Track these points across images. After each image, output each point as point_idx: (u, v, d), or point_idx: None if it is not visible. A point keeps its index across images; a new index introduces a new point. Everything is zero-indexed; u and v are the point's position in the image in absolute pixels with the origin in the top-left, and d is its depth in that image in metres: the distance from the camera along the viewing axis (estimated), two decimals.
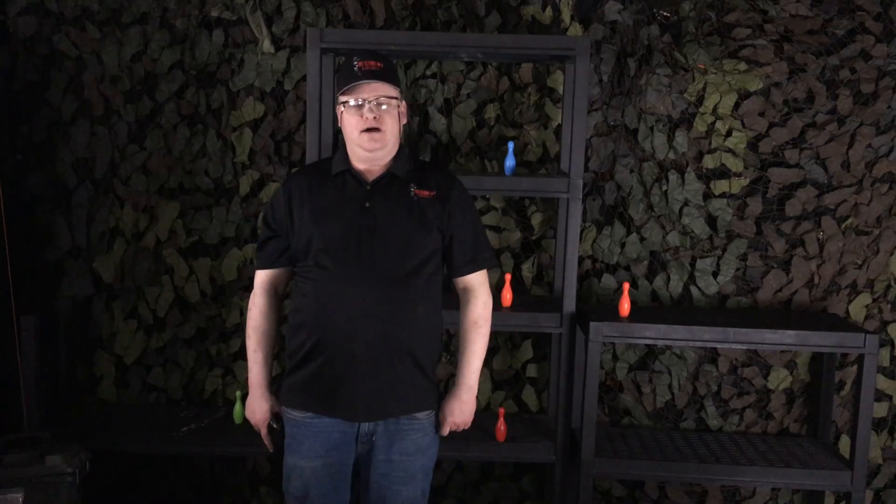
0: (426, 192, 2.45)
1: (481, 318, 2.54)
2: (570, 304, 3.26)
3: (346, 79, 2.38)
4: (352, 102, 2.37)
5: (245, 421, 3.44)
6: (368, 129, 2.36)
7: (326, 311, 2.39)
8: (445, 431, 2.56)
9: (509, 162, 3.34)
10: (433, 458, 2.57)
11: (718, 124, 3.49)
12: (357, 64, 2.36)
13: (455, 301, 2.60)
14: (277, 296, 2.59)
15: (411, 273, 2.40)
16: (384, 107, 2.38)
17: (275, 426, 2.56)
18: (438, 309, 2.51)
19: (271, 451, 2.59)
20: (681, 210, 3.54)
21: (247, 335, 2.57)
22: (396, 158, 2.47)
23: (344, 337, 2.38)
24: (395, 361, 2.40)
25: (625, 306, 3.31)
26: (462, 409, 2.53)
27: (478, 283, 2.54)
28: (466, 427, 2.59)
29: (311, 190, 2.47)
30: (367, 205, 2.41)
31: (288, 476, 2.50)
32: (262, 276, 2.57)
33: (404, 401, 2.44)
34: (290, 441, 2.50)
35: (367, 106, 2.36)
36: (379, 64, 2.38)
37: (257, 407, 2.57)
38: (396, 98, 2.41)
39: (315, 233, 2.41)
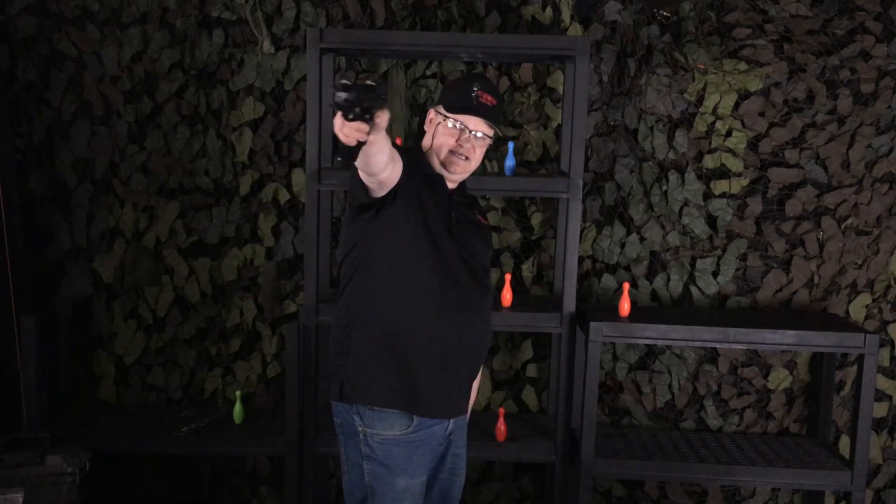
0: (483, 220, 2.53)
1: None
2: (570, 304, 3.26)
3: (461, 100, 2.35)
4: (458, 126, 2.35)
5: (245, 421, 3.46)
6: (456, 153, 2.36)
7: None
8: None
9: (509, 162, 3.34)
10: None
11: (718, 124, 3.49)
12: (476, 91, 2.34)
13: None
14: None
15: None
16: (479, 135, 2.36)
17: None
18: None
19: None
20: (681, 210, 3.54)
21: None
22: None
23: None
24: None
25: (625, 306, 3.30)
26: None
27: None
28: None
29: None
30: (453, 215, 2.39)
31: None
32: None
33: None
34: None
35: (467, 135, 2.35)
36: (494, 101, 2.37)
37: None
38: (492, 137, 2.40)
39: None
